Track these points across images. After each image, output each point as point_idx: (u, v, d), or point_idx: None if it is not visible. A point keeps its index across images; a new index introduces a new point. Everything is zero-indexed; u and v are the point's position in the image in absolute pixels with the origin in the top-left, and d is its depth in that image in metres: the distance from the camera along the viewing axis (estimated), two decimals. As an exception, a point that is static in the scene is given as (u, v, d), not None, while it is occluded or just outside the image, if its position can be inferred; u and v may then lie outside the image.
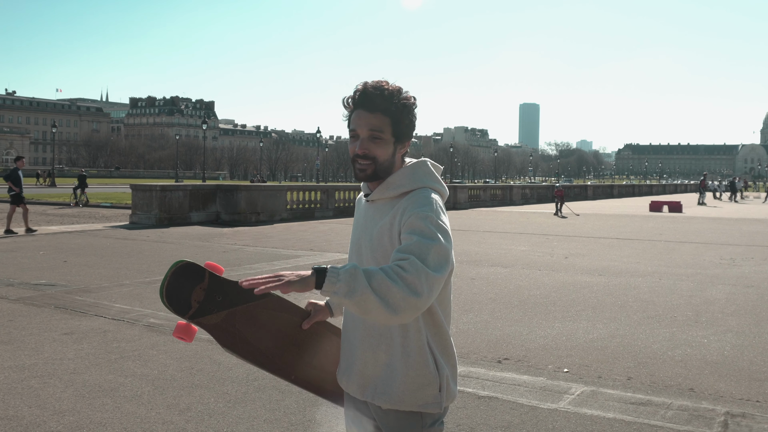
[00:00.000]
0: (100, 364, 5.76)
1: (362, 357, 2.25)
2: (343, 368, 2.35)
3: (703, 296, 9.35)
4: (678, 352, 6.40)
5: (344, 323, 2.37)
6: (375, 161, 2.20)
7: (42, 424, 4.43)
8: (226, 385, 5.24)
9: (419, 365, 2.18)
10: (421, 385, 2.18)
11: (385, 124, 2.19)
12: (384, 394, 2.20)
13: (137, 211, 20.98)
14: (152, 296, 8.77)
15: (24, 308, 7.96)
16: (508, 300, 8.84)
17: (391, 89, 2.21)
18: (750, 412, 4.80)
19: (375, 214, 2.25)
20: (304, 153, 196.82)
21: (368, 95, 2.20)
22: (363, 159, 2.20)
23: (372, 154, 2.19)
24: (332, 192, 27.14)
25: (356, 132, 2.21)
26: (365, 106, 2.20)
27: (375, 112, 2.19)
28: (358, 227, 2.34)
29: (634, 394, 5.14)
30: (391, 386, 2.19)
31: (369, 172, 2.21)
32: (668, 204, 35.19)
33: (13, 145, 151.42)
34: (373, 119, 2.19)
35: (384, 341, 2.21)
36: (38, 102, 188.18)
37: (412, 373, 2.18)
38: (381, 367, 2.21)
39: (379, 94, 2.19)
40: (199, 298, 2.25)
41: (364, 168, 2.21)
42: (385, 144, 2.20)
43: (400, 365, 2.18)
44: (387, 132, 2.20)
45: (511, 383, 5.38)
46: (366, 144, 2.19)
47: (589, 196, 55.99)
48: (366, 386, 2.24)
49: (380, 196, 2.24)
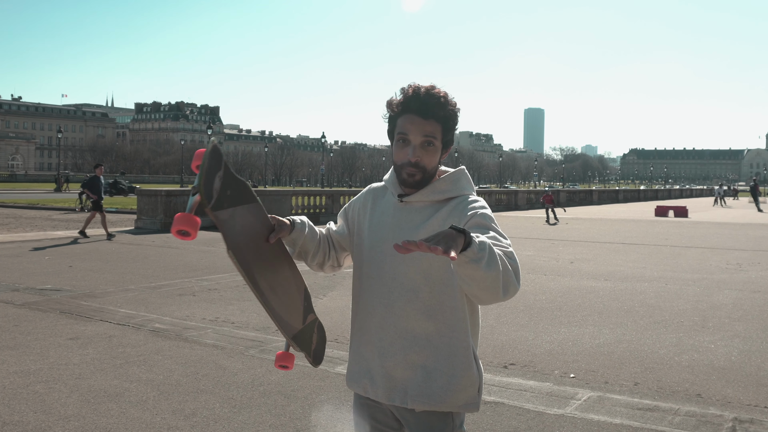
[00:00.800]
0: (105, 369, 5.76)
1: (391, 359, 2.20)
2: (359, 371, 2.29)
3: (709, 301, 9.31)
4: (685, 357, 6.36)
5: (359, 323, 2.30)
6: (425, 170, 2.18)
7: (47, 429, 4.42)
8: (231, 390, 5.23)
9: (465, 366, 2.17)
10: (464, 386, 2.17)
11: (437, 131, 2.17)
12: (422, 396, 2.16)
13: (142, 216, 21.02)
14: (158, 301, 8.77)
15: (29, 313, 7.97)
16: (514, 305, 8.81)
17: (444, 96, 2.18)
18: (758, 418, 4.77)
19: (411, 215, 2.21)
20: (309, 158, 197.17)
21: (423, 101, 2.15)
22: (413, 167, 2.16)
23: (423, 163, 2.17)
24: (337, 197, 27.15)
25: (408, 138, 2.17)
26: (420, 112, 2.15)
27: (429, 119, 2.15)
28: (383, 226, 2.26)
29: (641, 400, 5.11)
30: (430, 387, 2.16)
31: (417, 179, 2.18)
32: (674, 209, 35.10)
33: (18, 151, 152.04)
34: (427, 126, 2.15)
35: (418, 342, 2.17)
36: (44, 107, 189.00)
37: (459, 373, 2.16)
38: (413, 369, 2.18)
39: (435, 101, 2.15)
40: (218, 187, 2.06)
41: (413, 174, 2.17)
42: (435, 152, 2.18)
43: (443, 366, 2.16)
44: (438, 139, 2.18)
45: (518, 388, 5.35)
46: (419, 152, 2.16)
47: (594, 201, 55.94)
48: (394, 389, 2.20)
49: (422, 198, 2.20)
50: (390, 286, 2.20)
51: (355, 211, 2.38)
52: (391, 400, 2.21)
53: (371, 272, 2.26)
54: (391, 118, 2.23)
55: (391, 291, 2.20)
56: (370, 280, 2.26)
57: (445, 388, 2.16)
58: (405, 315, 2.18)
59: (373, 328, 2.25)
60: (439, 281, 2.16)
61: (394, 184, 2.28)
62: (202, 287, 9.89)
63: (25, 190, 49.77)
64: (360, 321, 2.30)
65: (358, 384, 2.30)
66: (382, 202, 2.32)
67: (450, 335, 2.17)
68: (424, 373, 2.17)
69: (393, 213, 2.26)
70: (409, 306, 2.17)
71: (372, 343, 2.25)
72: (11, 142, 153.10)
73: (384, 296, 2.22)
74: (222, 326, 7.39)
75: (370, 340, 2.26)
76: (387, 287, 2.21)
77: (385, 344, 2.21)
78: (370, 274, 2.26)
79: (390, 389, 2.20)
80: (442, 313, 2.17)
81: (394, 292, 2.19)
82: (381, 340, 2.22)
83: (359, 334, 2.30)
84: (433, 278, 2.15)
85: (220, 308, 8.37)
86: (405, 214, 2.22)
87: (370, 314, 2.25)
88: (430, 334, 2.17)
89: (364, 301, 2.28)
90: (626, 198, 66.01)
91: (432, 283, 2.16)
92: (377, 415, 2.29)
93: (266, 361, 6.04)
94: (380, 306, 2.22)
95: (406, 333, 2.18)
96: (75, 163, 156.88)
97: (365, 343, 2.28)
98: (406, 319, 2.18)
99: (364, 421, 2.32)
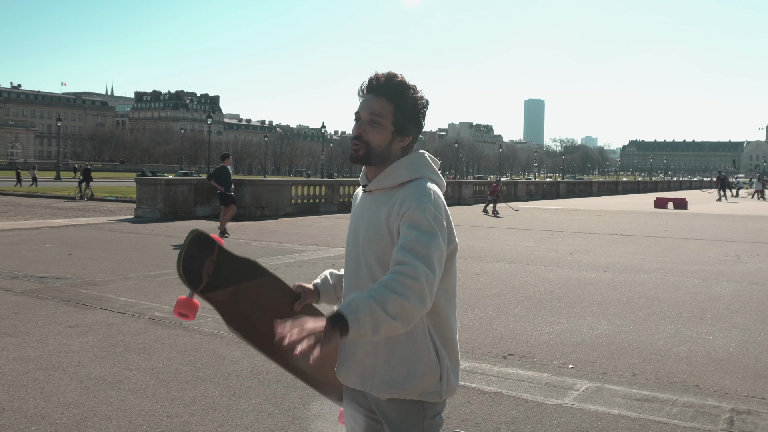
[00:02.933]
0: (105, 357, 5.77)
1: (363, 347, 2.23)
2: (341, 360, 2.33)
3: (708, 293, 9.33)
4: (683, 348, 6.38)
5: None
6: (368, 145, 2.22)
7: (46, 416, 4.43)
8: (230, 379, 5.24)
9: (421, 353, 2.18)
10: (422, 372, 2.18)
11: (386, 110, 2.22)
12: (384, 383, 2.19)
13: (142, 205, 21.01)
14: (157, 289, 8.78)
15: (29, 301, 7.98)
16: (513, 296, 8.83)
17: (401, 80, 2.24)
18: (756, 409, 4.78)
19: (372, 204, 2.25)
20: (309, 148, 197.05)
21: (377, 81, 2.24)
22: (358, 140, 2.23)
23: (366, 138, 2.22)
24: (337, 187, 27.13)
25: (358, 114, 2.25)
26: (372, 91, 2.24)
27: (380, 97, 2.22)
28: (355, 218, 2.35)
29: (639, 391, 5.13)
30: (390, 374, 2.18)
31: (360, 154, 2.23)
32: (673, 201, 35.09)
33: (18, 139, 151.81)
34: (375, 103, 2.22)
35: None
36: (43, 95, 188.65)
37: (415, 359, 2.18)
38: (376, 356, 2.21)
39: (387, 81, 2.23)
40: (209, 271, 2.20)
41: (357, 149, 2.24)
42: (382, 130, 2.22)
43: (403, 353, 2.18)
44: (387, 118, 2.22)
45: (516, 379, 5.37)
46: (363, 126, 2.23)
47: (593, 192, 55.91)
48: (366, 376, 2.23)
49: (378, 186, 2.24)
50: (358, 274, 2.26)
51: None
52: (364, 387, 2.24)
53: (345, 263, 2.36)
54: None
55: (359, 279, 2.26)
56: (345, 271, 2.36)
57: (404, 374, 2.17)
58: None
59: None
60: (385, 270, 2.16)
61: (363, 177, 2.35)
62: (201, 276, 9.88)
63: (25, 179, 49.77)
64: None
65: (339, 371, 2.34)
66: (359, 195, 2.40)
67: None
68: (385, 360, 2.19)
69: (361, 204, 2.34)
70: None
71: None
72: (11, 130, 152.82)
73: (352, 285, 2.28)
74: (221, 315, 7.39)
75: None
76: (356, 275, 2.27)
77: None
78: (345, 265, 2.37)
79: (363, 376, 2.24)
80: None
81: (360, 280, 2.25)
82: None
83: None
84: (380, 267, 2.18)
85: (219, 297, 8.36)
86: (369, 203, 2.28)
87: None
88: None
89: (345, 291, 2.36)
90: (626, 190, 66.00)
91: (380, 273, 2.17)
92: (361, 400, 2.32)
93: (265, 349, 6.05)
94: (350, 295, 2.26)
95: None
96: (75, 152, 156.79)
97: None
98: None
99: (350, 407, 2.36)
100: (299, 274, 10.29)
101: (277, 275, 2.44)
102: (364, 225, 2.24)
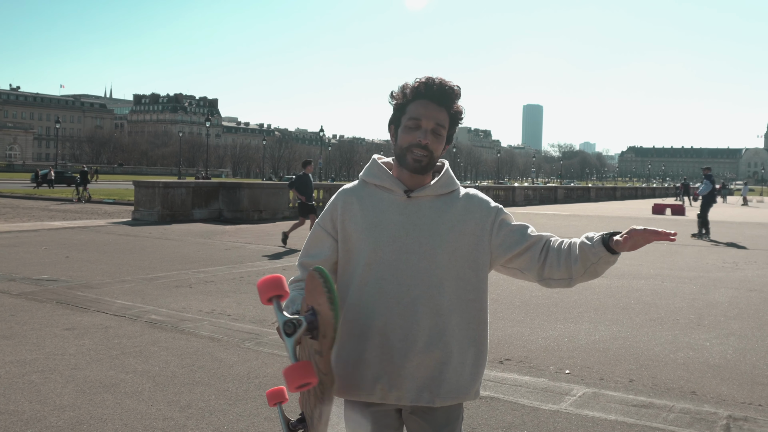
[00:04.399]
0: (101, 360, 5.76)
1: (416, 358, 2.14)
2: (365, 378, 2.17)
3: (705, 299, 9.33)
4: (680, 354, 6.38)
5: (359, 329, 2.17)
6: (432, 156, 2.18)
7: (42, 419, 4.42)
8: (227, 383, 5.23)
9: (483, 355, 2.25)
10: (480, 375, 2.25)
11: (446, 121, 2.20)
12: (453, 391, 2.17)
13: (140, 208, 21.00)
14: (154, 292, 8.77)
15: (26, 303, 7.96)
16: (510, 301, 8.82)
17: (457, 88, 2.21)
18: (752, 415, 4.78)
19: (422, 210, 2.20)
20: (307, 151, 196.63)
21: (439, 88, 2.17)
22: (424, 149, 2.16)
23: (432, 147, 2.17)
24: (335, 191, 27.06)
25: (420, 122, 2.17)
26: (434, 98, 2.17)
27: (442, 108, 2.18)
28: (389, 224, 2.18)
29: (636, 397, 5.12)
30: (459, 381, 2.18)
31: (424, 164, 2.18)
32: (671, 207, 35.14)
33: (16, 141, 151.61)
34: (440, 114, 2.18)
35: (443, 339, 2.15)
36: (42, 97, 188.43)
37: (478, 362, 2.23)
38: (436, 365, 2.15)
39: (450, 91, 2.18)
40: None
41: (421, 158, 2.17)
42: (442, 141, 2.21)
43: (467, 358, 2.20)
44: (446, 129, 2.21)
45: (513, 384, 5.37)
46: (429, 136, 2.17)
47: (591, 198, 55.95)
48: (419, 389, 2.14)
49: (430, 193, 2.22)
50: (409, 284, 2.15)
51: (337, 221, 2.26)
52: (416, 401, 2.15)
53: (380, 274, 2.17)
54: (400, 105, 2.21)
55: (411, 289, 2.15)
56: (380, 282, 2.16)
57: (470, 379, 2.20)
58: (428, 312, 2.15)
59: (387, 331, 2.15)
60: (459, 276, 2.18)
61: (392, 181, 2.21)
62: (198, 279, 9.89)
63: (22, 180, 49.78)
64: (361, 326, 2.17)
65: (369, 392, 2.17)
66: (373, 200, 2.23)
67: (474, 327, 2.22)
68: (447, 367, 2.15)
69: (399, 210, 2.20)
70: (432, 302, 2.15)
71: (383, 346, 2.15)
72: (9, 132, 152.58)
73: (402, 295, 2.15)
74: (218, 318, 7.39)
75: (381, 343, 2.15)
76: (405, 286, 2.15)
77: (407, 344, 2.14)
78: (380, 276, 2.16)
79: (415, 389, 2.14)
80: (465, 306, 2.21)
81: (414, 289, 2.14)
82: (400, 341, 2.14)
83: (359, 340, 2.17)
84: (453, 273, 2.17)
85: (216, 300, 8.37)
86: (414, 209, 2.19)
87: (380, 317, 2.16)
88: (454, 327, 2.17)
89: (369, 304, 2.16)
90: (624, 195, 66.08)
91: (453, 278, 2.17)
92: (378, 416, 2.22)
93: (262, 353, 6.05)
94: (397, 306, 2.15)
95: (430, 330, 2.14)
96: (73, 154, 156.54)
97: (371, 348, 2.16)
98: (430, 316, 2.15)
99: (365, 420, 2.23)
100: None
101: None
102: (426, 230, 2.17)
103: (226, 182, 23.94)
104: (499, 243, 2.23)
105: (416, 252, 2.16)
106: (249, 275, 10.39)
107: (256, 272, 10.71)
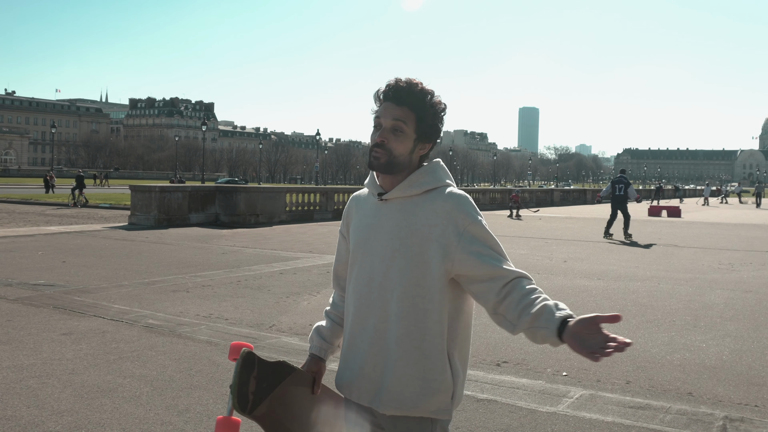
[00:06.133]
0: (99, 365, 5.75)
1: (372, 361, 2.17)
2: (346, 374, 2.26)
3: (701, 301, 9.36)
4: (677, 356, 6.40)
5: (351, 327, 2.26)
6: (391, 153, 2.17)
7: (40, 424, 4.42)
8: (224, 387, 5.23)
9: (436, 370, 2.13)
10: (435, 391, 2.13)
11: (409, 118, 2.18)
12: (395, 401, 2.13)
13: (136, 212, 20.96)
14: (151, 297, 8.76)
15: (23, 308, 7.95)
16: (507, 303, 8.82)
17: (422, 88, 2.20)
18: (748, 416, 4.80)
19: (394, 213, 2.19)
20: (304, 155, 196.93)
21: (398, 89, 2.19)
22: (380, 148, 2.17)
23: (389, 145, 2.17)
24: (331, 194, 27.14)
25: (379, 121, 2.20)
26: (394, 99, 2.19)
27: (402, 106, 2.18)
28: (365, 227, 2.26)
29: (632, 398, 5.14)
30: (403, 392, 2.12)
31: (382, 161, 2.17)
32: (667, 209, 35.18)
33: (12, 145, 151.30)
34: (398, 111, 2.18)
35: (391, 345, 2.14)
36: (38, 102, 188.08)
37: (429, 377, 2.12)
38: (387, 372, 2.14)
39: (409, 89, 2.19)
40: (253, 388, 2.13)
41: (379, 156, 2.17)
42: (405, 138, 2.18)
43: (416, 370, 2.12)
44: (410, 127, 2.18)
45: (510, 386, 5.38)
46: (386, 134, 2.17)
47: (588, 200, 56.03)
48: (374, 392, 2.17)
49: (401, 194, 2.19)
50: (370, 287, 2.20)
51: (344, 225, 2.40)
52: (372, 403, 2.18)
53: (353, 274, 2.27)
54: (375, 111, 2.26)
55: (371, 292, 2.19)
56: (353, 282, 2.26)
57: (417, 393, 2.12)
58: (381, 316, 2.16)
59: (357, 331, 2.23)
60: (416, 283, 2.12)
61: (373, 185, 2.28)
62: (195, 283, 9.88)
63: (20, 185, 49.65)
64: (348, 324, 2.28)
65: (347, 389, 2.27)
66: (365, 205, 2.32)
67: (421, 338, 2.12)
68: (392, 376, 2.14)
69: (374, 213, 2.25)
70: (386, 307, 2.16)
71: (356, 346, 2.23)
72: (5, 136, 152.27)
73: (363, 297, 2.21)
74: (215, 322, 7.39)
75: (355, 342, 2.24)
76: (367, 288, 2.20)
77: (365, 347, 2.19)
78: (353, 276, 2.26)
79: (371, 391, 2.17)
80: (414, 316, 2.12)
81: (373, 293, 2.19)
82: (363, 343, 2.20)
83: (348, 338, 2.28)
84: (407, 280, 2.13)
85: (213, 304, 8.37)
86: (386, 212, 2.21)
87: (354, 317, 2.24)
88: (402, 336, 2.13)
89: (350, 303, 2.27)
90: (620, 197, 66.05)
91: (406, 285, 2.13)
92: (366, 415, 2.25)
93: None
94: (362, 308, 2.21)
95: (382, 335, 2.16)
96: (69, 159, 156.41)
97: (352, 346, 2.25)
98: (382, 321, 2.16)
99: (364, 421, 2.25)
100: (293, 281, 10.28)
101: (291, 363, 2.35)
102: (388, 234, 2.17)
103: (223, 186, 23.86)
104: (461, 259, 2.10)
105: (378, 255, 2.18)
106: (246, 279, 10.39)
107: (253, 276, 10.71)
